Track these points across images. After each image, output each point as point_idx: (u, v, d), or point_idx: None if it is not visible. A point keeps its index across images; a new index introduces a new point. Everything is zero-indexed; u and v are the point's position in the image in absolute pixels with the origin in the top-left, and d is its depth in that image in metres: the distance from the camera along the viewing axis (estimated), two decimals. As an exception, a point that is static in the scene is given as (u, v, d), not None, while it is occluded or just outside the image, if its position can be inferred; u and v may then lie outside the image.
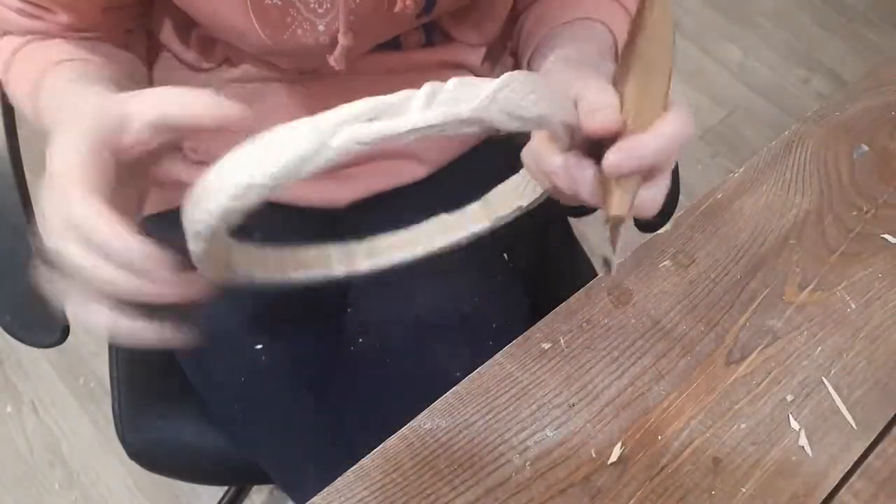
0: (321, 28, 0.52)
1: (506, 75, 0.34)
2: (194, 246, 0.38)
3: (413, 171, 0.69)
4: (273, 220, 0.67)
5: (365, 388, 0.59)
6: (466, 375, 0.43)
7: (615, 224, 0.39)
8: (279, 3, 0.50)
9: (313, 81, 0.61)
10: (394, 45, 0.61)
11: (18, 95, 0.54)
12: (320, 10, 0.52)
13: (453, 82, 0.33)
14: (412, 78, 0.64)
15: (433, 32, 0.64)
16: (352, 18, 0.52)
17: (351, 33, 0.52)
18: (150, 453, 0.70)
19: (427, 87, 0.33)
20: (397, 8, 0.52)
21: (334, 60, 0.54)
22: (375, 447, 0.39)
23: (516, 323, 0.60)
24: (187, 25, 0.57)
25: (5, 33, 0.56)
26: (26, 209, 0.62)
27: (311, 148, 0.32)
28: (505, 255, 0.67)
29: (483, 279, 0.64)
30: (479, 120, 0.33)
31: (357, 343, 0.60)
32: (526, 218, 0.77)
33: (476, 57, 0.67)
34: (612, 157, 0.37)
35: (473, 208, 0.47)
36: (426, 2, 0.54)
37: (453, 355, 0.59)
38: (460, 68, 0.67)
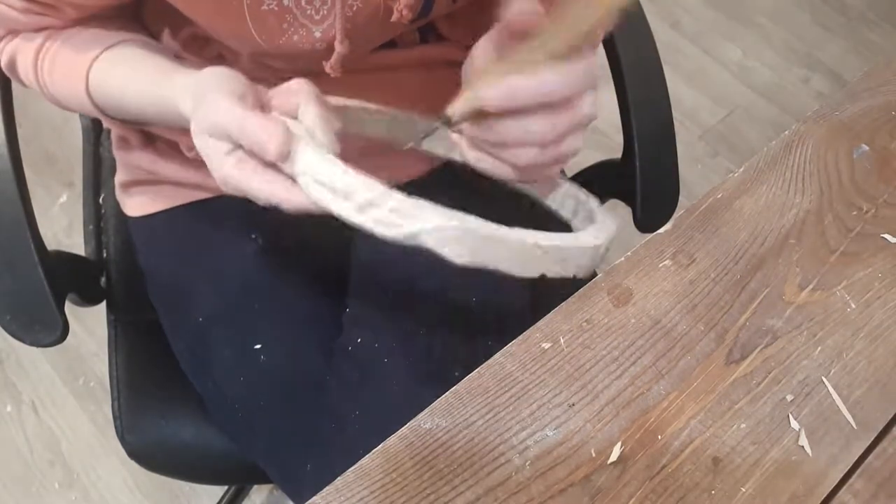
0: (317, 35, 0.53)
1: (444, 224, 0.41)
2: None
3: (415, 168, 0.69)
4: (273, 219, 0.67)
5: (363, 387, 0.59)
6: (465, 374, 0.43)
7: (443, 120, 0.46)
8: (276, 8, 0.50)
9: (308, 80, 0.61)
10: (388, 43, 0.61)
11: (63, 90, 0.56)
12: (317, 17, 0.52)
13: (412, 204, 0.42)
14: (406, 76, 0.64)
15: (427, 32, 0.64)
16: (348, 26, 0.52)
17: (347, 40, 0.52)
18: (149, 453, 0.70)
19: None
20: (394, 17, 0.52)
21: (330, 68, 0.54)
22: (374, 447, 0.39)
23: (515, 322, 0.60)
24: (180, 23, 0.57)
25: (12, 32, 0.56)
26: (25, 207, 0.62)
27: None
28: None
29: (481, 278, 0.64)
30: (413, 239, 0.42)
31: (355, 343, 0.60)
32: (526, 216, 0.77)
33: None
34: (487, 92, 0.43)
35: None
36: (422, 8, 0.54)
37: (453, 354, 0.59)
38: (454, 66, 0.67)
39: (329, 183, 0.43)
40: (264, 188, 0.45)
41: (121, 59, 0.54)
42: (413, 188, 0.67)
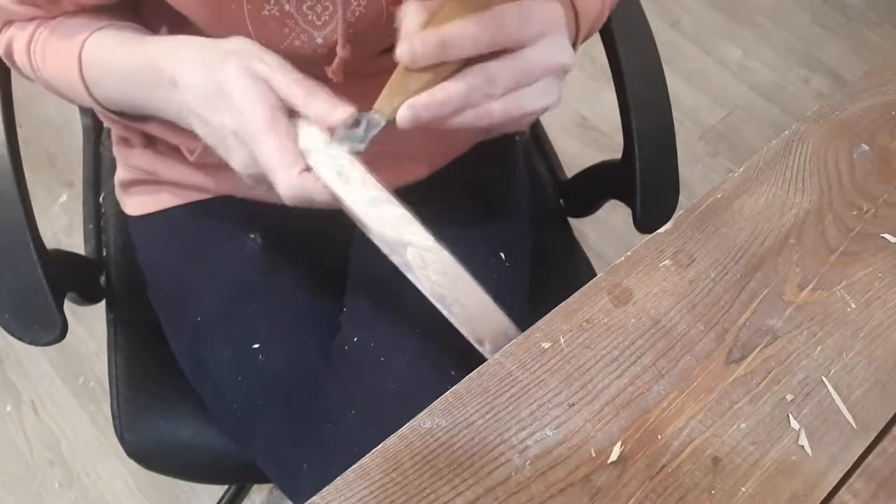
0: (319, 40, 0.52)
1: (435, 247, 0.44)
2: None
3: (416, 171, 0.69)
4: (275, 220, 0.67)
5: (359, 387, 0.59)
6: (461, 373, 0.43)
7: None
8: (277, 14, 0.50)
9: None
10: (390, 46, 0.61)
11: (55, 72, 0.55)
12: (318, 23, 0.52)
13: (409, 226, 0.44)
14: None
15: None
16: (350, 31, 0.52)
17: (349, 45, 0.52)
18: (148, 452, 0.70)
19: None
20: (396, 23, 0.52)
21: (332, 73, 0.54)
22: (370, 446, 0.39)
23: (514, 321, 0.60)
24: (179, 24, 0.57)
25: (8, 23, 0.56)
26: (25, 207, 0.62)
27: None
28: (502, 255, 0.67)
29: (479, 278, 0.64)
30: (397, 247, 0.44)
31: (352, 342, 0.60)
32: (525, 217, 0.76)
33: None
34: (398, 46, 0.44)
35: None
36: None
37: (449, 353, 0.59)
38: None
39: (340, 169, 0.44)
40: (273, 154, 0.44)
41: (112, 35, 0.54)
42: (415, 188, 0.68)
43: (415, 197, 0.65)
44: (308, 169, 0.45)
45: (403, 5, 0.47)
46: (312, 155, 0.45)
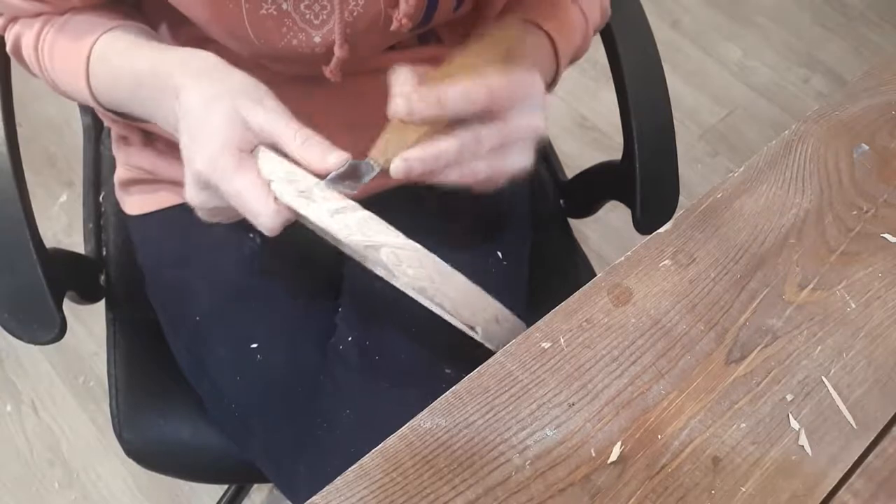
0: (317, 39, 0.53)
1: (408, 243, 0.43)
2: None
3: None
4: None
5: (354, 387, 0.59)
6: (457, 371, 0.43)
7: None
8: (274, 13, 0.50)
9: (307, 83, 0.61)
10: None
11: (62, 74, 0.56)
12: (316, 22, 0.52)
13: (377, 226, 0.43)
14: None
15: (428, 35, 0.64)
16: (348, 31, 0.52)
17: (347, 45, 0.52)
18: (147, 452, 0.70)
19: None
20: (393, 27, 0.52)
21: (330, 72, 0.54)
22: (365, 446, 0.39)
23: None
24: (179, 23, 0.57)
25: (13, 19, 0.56)
26: (25, 206, 0.62)
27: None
28: (499, 254, 0.67)
29: (476, 277, 0.64)
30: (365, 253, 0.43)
31: (346, 342, 0.60)
32: (525, 217, 0.76)
33: None
34: (394, 102, 0.46)
35: None
36: (423, 17, 0.54)
37: (444, 351, 0.59)
38: None
39: (301, 187, 0.44)
40: (248, 193, 0.44)
41: (120, 37, 0.54)
42: (409, 188, 0.67)
43: (413, 196, 0.65)
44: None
45: (394, 71, 0.49)
46: (274, 182, 0.45)
